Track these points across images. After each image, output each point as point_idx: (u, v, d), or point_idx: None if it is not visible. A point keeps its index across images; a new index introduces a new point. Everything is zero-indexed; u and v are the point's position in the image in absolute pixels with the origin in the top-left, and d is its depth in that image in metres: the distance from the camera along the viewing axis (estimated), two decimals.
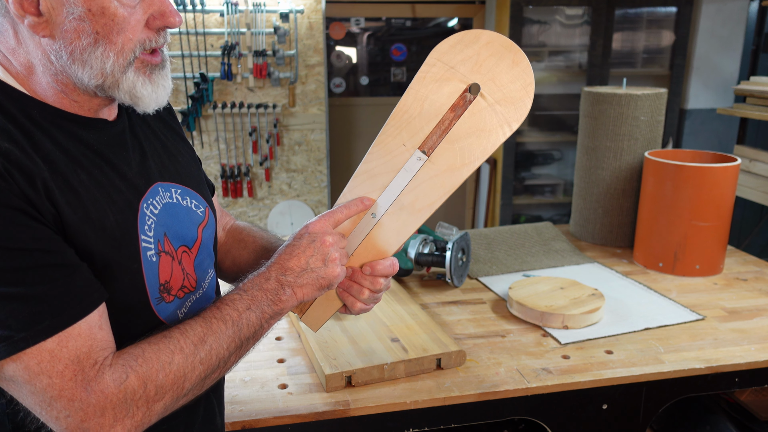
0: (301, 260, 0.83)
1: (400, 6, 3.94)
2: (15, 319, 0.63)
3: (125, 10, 0.71)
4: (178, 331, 0.74)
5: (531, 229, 2.09)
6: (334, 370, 1.16)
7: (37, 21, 0.68)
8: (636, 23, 3.72)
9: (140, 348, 0.71)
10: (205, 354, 0.74)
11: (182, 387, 0.72)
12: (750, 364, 1.29)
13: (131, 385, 0.68)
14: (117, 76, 0.73)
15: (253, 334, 0.80)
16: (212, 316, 0.77)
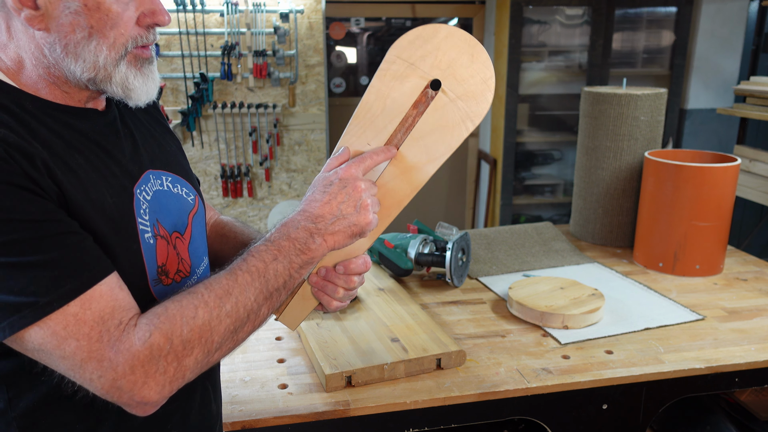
0: (333, 207, 0.81)
1: (400, 6, 3.93)
2: (37, 286, 0.64)
3: (119, 7, 0.72)
4: (203, 286, 0.74)
5: (531, 229, 2.09)
6: (334, 370, 1.16)
7: (34, 14, 0.69)
8: (636, 23, 3.72)
9: (163, 306, 0.72)
10: (231, 306, 0.74)
11: (211, 340, 0.72)
12: (750, 364, 1.29)
13: (156, 341, 0.68)
14: (109, 69, 0.75)
15: (283, 285, 0.80)
16: (238, 269, 0.77)
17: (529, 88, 3.73)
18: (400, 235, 1.72)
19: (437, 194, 4.36)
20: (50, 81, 0.75)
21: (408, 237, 1.69)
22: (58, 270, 0.66)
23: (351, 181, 0.83)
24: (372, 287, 1.58)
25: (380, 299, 1.50)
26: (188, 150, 3.38)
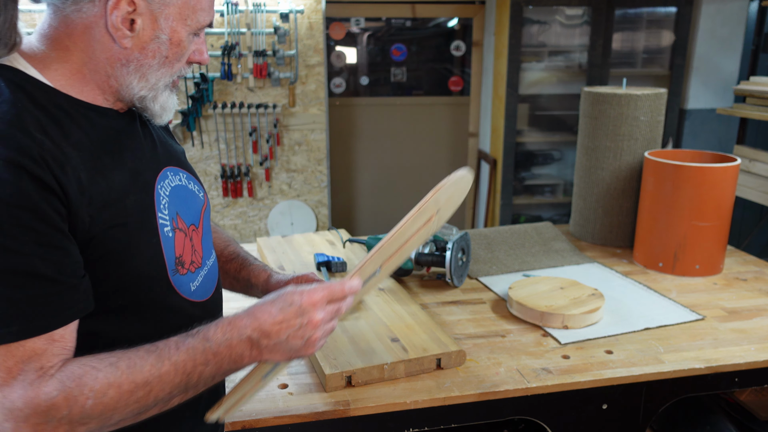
0: (282, 330, 0.81)
1: (400, 6, 3.93)
2: None
3: (188, 45, 0.85)
4: (127, 364, 0.74)
5: (531, 229, 2.09)
6: (334, 370, 1.16)
7: (128, 34, 0.78)
8: (636, 23, 3.72)
9: (84, 369, 0.73)
10: (143, 395, 0.75)
11: (110, 418, 0.74)
12: (750, 364, 1.29)
13: (58, 403, 0.70)
14: (159, 92, 0.85)
15: (203, 386, 0.81)
16: (167, 357, 0.77)
17: (529, 88, 3.74)
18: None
19: None
20: (95, 86, 0.82)
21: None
22: (18, 311, 0.69)
23: (310, 313, 0.82)
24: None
25: (380, 299, 1.50)
26: (188, 150, 3.38)
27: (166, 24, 0.81)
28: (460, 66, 4.21)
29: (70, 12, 0.77)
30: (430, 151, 4.26)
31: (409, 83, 4.18)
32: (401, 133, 4.20)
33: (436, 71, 4.22)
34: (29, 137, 0.70)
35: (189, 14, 0.82)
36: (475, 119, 4.21)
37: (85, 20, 0.77)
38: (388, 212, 4.33)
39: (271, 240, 2.01)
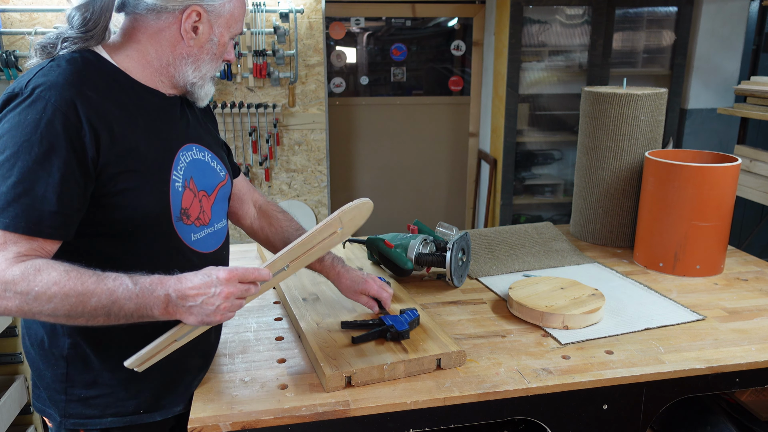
0: (198, 295, 0.96)
1: (400, 6, 3.93)
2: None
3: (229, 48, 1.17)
4: (75, 275, 0.94)
5: (531, 229, 2.09)
6: (334, 371, 1.16)
7: (193, 37, 1.10)
8: (636, 23, 3.71)
9: (44, 265, 0.93)
10: (76, 302, 0.93)
11: (48, 309, 0.92)
12: (750, 365, 1.29)
13: (15, 280, 0.91)
14: (205, 80, 1.16)
15: (124, 317, 0.96)
16: (104, 283, 0.94)
17: (529, 88, 3.73)
18: (401, 235, 1.71)
19: (437, 194, 4.36)
20: (157, 72, 1.11)
21: (408, 237, 1.69)
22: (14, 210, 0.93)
23: (224, 285, 0.97)
24: None
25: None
26: None
27: (218, 30, 1.12)
28: (460, 66, 4.21)
29: (149, 18, 1.07)
30: (430, 151, 4.26)
31: (409, 83, 4.17)
32: (401, 133, 4.19)
33: (436, 71, 4.22)
34: (78, 91, 0.99)
35: (232, 24, 1.14)
36: (475, 119, 4.21)
37: (160, 24, 1.08)
38: (388, 212, 4.32)
39: None
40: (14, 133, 0.95)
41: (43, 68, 1.01)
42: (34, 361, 1.14)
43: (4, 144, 0.95)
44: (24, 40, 3.06)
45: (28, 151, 0.94)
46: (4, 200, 0.93)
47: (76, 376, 1.10)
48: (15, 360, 2.27)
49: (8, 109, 0.97)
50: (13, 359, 2.26)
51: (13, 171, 0.93)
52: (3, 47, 3.06)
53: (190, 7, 1.07)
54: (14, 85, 1.00)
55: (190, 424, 1.07)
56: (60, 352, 1.09)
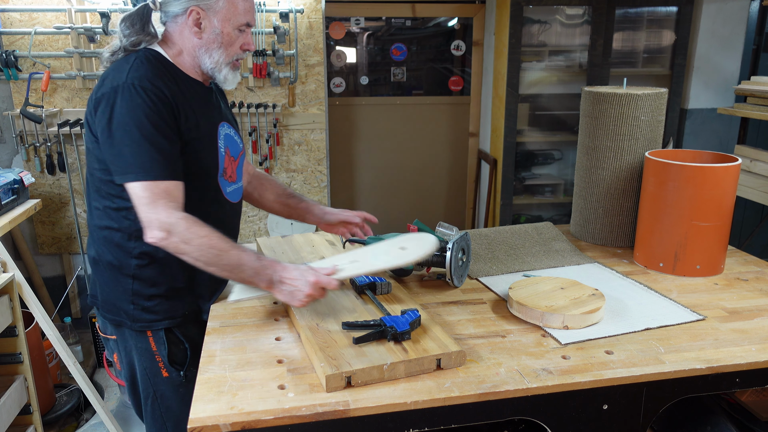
0: (291, 284, 1.37)
1: (400, 6, 3.93)
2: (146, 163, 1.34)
3: (236, 38, 1.49)
4: (217, 236, 1.35)
5: (531, 229, 2.09)
6: (334, 371, 1.16)
7: (197, 30, 1.46)
8: (636, 23, 3.71)
9: (197, 221, 1.34)
10: (213, 255, 1.34)
11: (194, 254, 1.33)
12: (751, 365, 1.29)
13: (180, 225, 1.32)
14: (221, 66, 1.50)
15: (238, 277, 1.39)
16: (236, 249, 1.36)
17: (530, 87, 3.73)
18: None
19: (437, 194, 4.36)
20: (191, 64, 1.50)
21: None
22: (157, 164, 1.34)
23: (309, 287, 1.35)
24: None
25: (380, 299, 1.50)
26: None
27: (217, 23, 1.45)
28: (460, 66, 4.21)
29: (174, 22, 1.46)
30: (430, 151, 4.26)
31: (409, 83, 4.17)
32: (401, 133, 4.19)
33: (436, 71, 4.21)
34: (163, 82, 1.39)
35: (231, 17, 1.46)
36: (475, 119, 4.21)
37: (180, 25, 1.46)
38: (388, 212, 4.32)
39: (270, 240, 2.01)
40: (133, 114, 1.32)
41: (132, 65, 1.38)
42: (106, 283, 1.51)
43: (127, 121, 1.32)
44: (24, 40, 3.06)
45: (148, 123, 1.32)
46: (147, 160, 1.32)
47: (140, 290, 1.49)
48: (15, 360, 2.26)
49: (119, 96, 1.33)
50: (13, 359, 2.26)
51: (144, 139, 1.32)
52: (3, 47, 3.06)
53: (190, 7, 1.43)
54: (114, 80, 1.35)
55: (190, 424, 1.07)
56: (128, 271, 1.48)
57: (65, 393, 2.83)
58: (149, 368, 1.53)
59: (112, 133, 1.34)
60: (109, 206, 1.46)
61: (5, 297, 2.17)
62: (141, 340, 1.52)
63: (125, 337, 1.54)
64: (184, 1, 1.43)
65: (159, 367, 1.53)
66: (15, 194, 2.58)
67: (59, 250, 3.41)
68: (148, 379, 1.54)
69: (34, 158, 3.19)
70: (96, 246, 1.52)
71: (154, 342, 1.52)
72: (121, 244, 1.47)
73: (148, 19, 1.45)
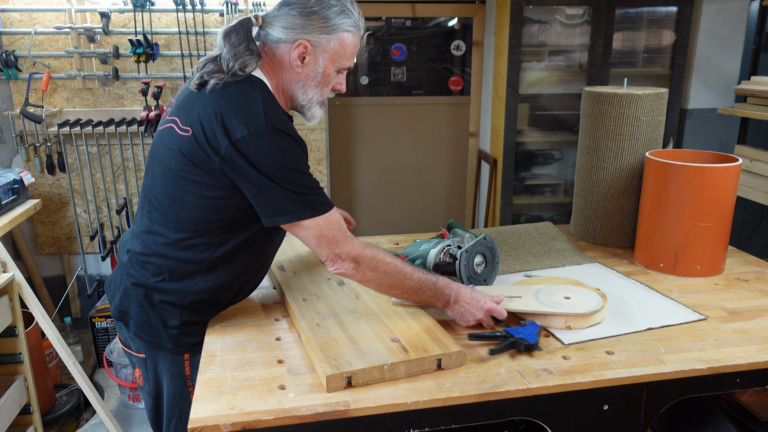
0: (464, 305, 1.41)
1: (400, 6, 3.93)
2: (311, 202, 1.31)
3: (333, 78, 1.42)
4: (400, 262, 1.37)
5: (531, 229, 2.09)
6: (334, 371, 1.16)
7: (300, 65, 1.38)
8: (636, 23, 3.71)
9: (378, 250, 1.36)
10: (398, 279, 1.37)
11: (381, 280, 1.36)
12: (751, 365, 1.29)
13: (367, 255, 1.34)
14: (312, 104, 1.44)
15: (417, 298, 1.41)
16: (417, 274, 1.38)
17: (530, 87, 3.73)
18: (425, 244, 1.69)
19: (437, 194, 4.36)
20: (281, 94, 1.41)
21: (431, 245, 1.67)
22: (324, 198, 1.33)
23: (482, 312, 1.41)
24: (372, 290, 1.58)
25: (381, 299, 1.50)
26: None
27: (322, 63, 1.38)
28: (460, 66, 4.21)
29: (275, 48, 1.38)
30: (430, 151, 4.26)
31: (409, 83, 4.17)
32: (401, 133, 4.19)
33: (436, 71, 4.21)
34: (288, 122, 1.35)
35: (337, 59, 1.39)
36: (475, 119, 4.21)
37: (280, 53, 1.38)
38: (388, 212, 4.32)
39: None
40: (286, 158, 1.27)
41: (263, 108, 1.29)
42: (149, 306, 1.41)
43: (281, 165, 1.27)
44: (24, 40, 3.06)
45: (300, 165, 1.30)
46: (318, 199, 1.31)
47: (189, 319, 1.42)
48: (15, 360, 2.26)
49: (265, 142, 1.26)
50: (13, 359, 2.26)
51: (304, 180, 1.30)
52: (3, 47, 3.05)
53: (299, 39, 1.35)
54: (251, 125, 1.25)
55: (190, 425, 1.07)
56: (182, 302, 1.40)
57: (65, 393, 2.83)
58: (178, 391, 1.47)
59: (266, 181, 1.26)
60: (187, 239, 1.36)
61: (5, 297, 2.17)
62: (176, 364, 1.45)
63: (157, 359, 1.46)
64: (293, 31, 1.34)
65: (189, 392, 1.47)
66: (15, 194, 2.57)
67: (59, 250, 3.41)
68: (175, 401, 1.49)
69: (34, 158, 3.19)
70: (147, 269, 1.41)
71: (189, 366, 1.45)
72: (186, 277, 1.39)
73: (251, 36, 1.35)
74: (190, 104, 1.34)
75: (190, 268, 1.39)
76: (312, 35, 1.34)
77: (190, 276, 1.39)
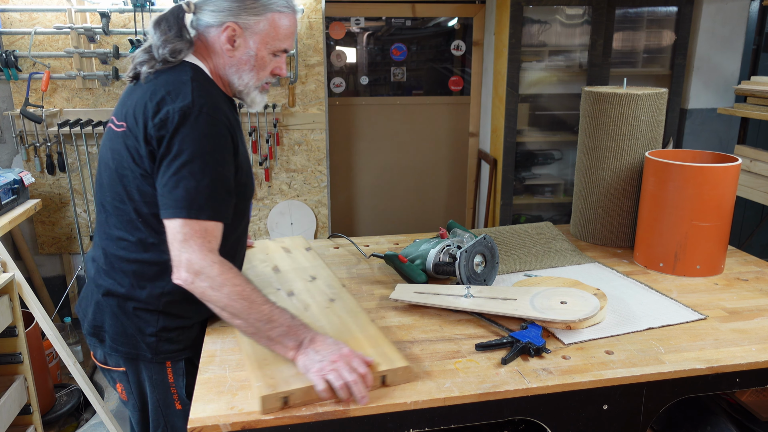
0: (320, 353, 1.16)
1: (400, 6, 3.93)
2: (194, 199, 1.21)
3: (268, 61, 1.38)
4: (251, 288, 1.21)
5: (531, 228, 2.09)
6: (269, 391, 1.09)
7: (230, 48, 1.34)
8: (636, 23, 3.71)
9: (234, 272, 1.21)
10: (243, 307, 1.18)
11: (223, 302, 1.19)
12: (751, 365, 1.29)
13: (212, 271, 1.19)
14: (250, 89, 1.39)
15: (261, 333, 1.20)
16: (269, 304, 1.20)
17: (530, 87, 3.73)
18: (424, 244, 1.68)
19: (437, 194, 4.36)
20: (220, 79, 1.38)
21: (430, 245, 1.66)
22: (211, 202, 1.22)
23: (342, 355, 1.16)
24: (323, 298, 1.53)
25: (330, 310, 1.44)
26: None
27: (254, 45, 1.34)
28: (460, 66, 4.21)
29: (207, 33, 1.34)
30: (430, 151, 4.26)
31: (409, 83, 4.17)
32: (401, 133, 4.19)
33: (436, 71, 4.21)
34: (223, 106, 1.29)
35: (269, 41, 1.34)
36: (475, 119, 4.21)
37: (212, 37, 1.34)
38: (388, 212, 4.32)
39: None
40: (200, 145, 1.21)
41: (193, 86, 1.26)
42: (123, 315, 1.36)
43: (193, 153, 1.20)
44: (24, 40, 3.06)
45: (214, 157, 1.23)
46: (204, 197, 1.20)
47: (167, 324, 1.37)
48: (15, 360, 2.26)
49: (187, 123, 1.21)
50: (13, 359, 2.26)
51: (205, 174, 1.21)
52: (3, 47, 3.06)
53: (227, 22, 1.31)
54: (177, 102, 1.22)
55: (189, 424, 1.07)
56: (155, 307, 1.35)
57: (65, 393, 2.83)
58: (162, 400, 1.42)
59: (171, 163, 1.21)
60: (145, 240, 1.32)
61: (5, 297, 2.17)
62: (158, 372, 1.40)
63: (138, 370, 1.41)
64: (221, 14, 1.31)
65: (173, 399, 1.42)
66: (15, 194, 2.57)
67: (59, 250, 3.41)
68: (160, 410, 1.43)
69: (34, 158, 3.19)
70: (115, 278, 1.36)
71: (172, 373, 1.40)
72: (155, 279, 1.34)
73: (183, 23, 1.33)
74: (125, 99, 1.34)
75: (157, 269, 1.33)
76: (240, 17, 1.30)
77: (158, 278, 1.33)
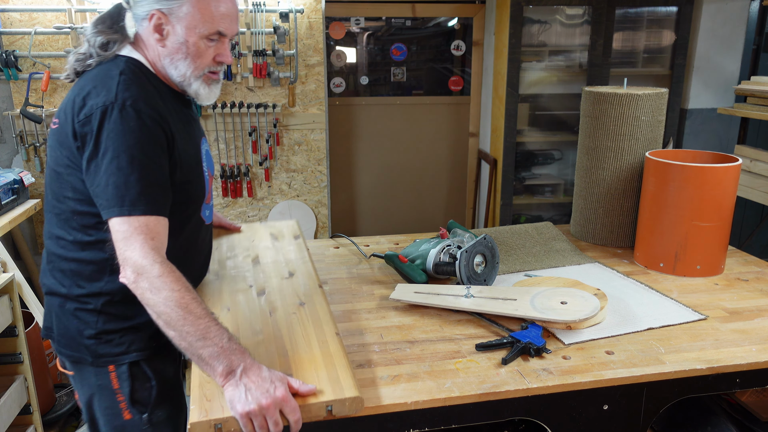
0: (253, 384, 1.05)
1: (400, 6, 3.93)
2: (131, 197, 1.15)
3: (204, 48, 1.29)
4: (192, 296, 1.12)
5: (531, 229, 2.09)
6: (201, 417, 1.02)
7: (159, 38, 1.27)
8: (636, 23, 3.71)
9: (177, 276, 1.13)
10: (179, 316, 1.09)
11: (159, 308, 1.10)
12: (751, 365, 1.29)
13: (154, 271, 1.11)
14: (190, 80, 1.31)
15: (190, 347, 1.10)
16: (209, 319, 1.11)
17: (530, 88, 3.73)
18: (424, 244, 1.68)
19: (437, 194, 4.36)
20: (163, 74, 1.31)
21: (430, 245, 1.66)
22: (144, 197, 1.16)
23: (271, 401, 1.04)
24: (293, 301, 1.43)
25: (295, 317, 1.35)
26: None
27: (181, 32, 1.25)
28: (460, 66, 4.21)
29: (141, 26, 1.28)
30: (430, 151, 4.26)
31: (409, 83, 4.17)
32: (401, 133, 4.19)
33: (436, 71, 4.21)
34: (155, 101, 1.23)
35: (197, 25, 1.25)
36: (475, 119, 4.21)
37: (145, 29, 1.28)
38: (388, 212, 4.32)
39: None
40: (125, 140, 1.15)
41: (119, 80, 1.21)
42: (65, 316, 1.32)
43: (118, 148, 1.15)
44: (24, 40, 3.06)
45: (141, 151, 1.16)
46: (134, 192, 1.14)
47: (106, 327, 1.30)
48: (15, 360, 2.26)
49: (109, 119, 1.16)
50: (13, 359, 2.26)
51: (133, 170, 1.15)
52: (3, 47, 3.06)
53: (151, 11, 1.25)
54: (101, 98, 1.18)
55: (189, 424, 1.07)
56: (94, 307, 1.29)
57: (65, 393, 2.83)
58: (109, 408, 1.34)
59: (99, 161, 1.16)
60: (81, 239, 1.28)
61: (5, 297, 2.17)
62: (101, 377, 1.32)
63: (84, 375, 1.35)
64: (146, 3, 1.26)
65: (120, 408, 1.33)
66: (15, 194, 2.57)
67: None
68: (108, 421, 1.35)
69: (34, 158, 3.19)
70: (56, 277, 1.32)
71: (116, 377, 1.32)
72: (92, 279, 1.29)
73: (121, 19, 1.31)
74: (65, 98, 1.30)
75: (94, 268, 1.29)
76: (161, 3, 1.24)
77: (96, 277, 1.29)
